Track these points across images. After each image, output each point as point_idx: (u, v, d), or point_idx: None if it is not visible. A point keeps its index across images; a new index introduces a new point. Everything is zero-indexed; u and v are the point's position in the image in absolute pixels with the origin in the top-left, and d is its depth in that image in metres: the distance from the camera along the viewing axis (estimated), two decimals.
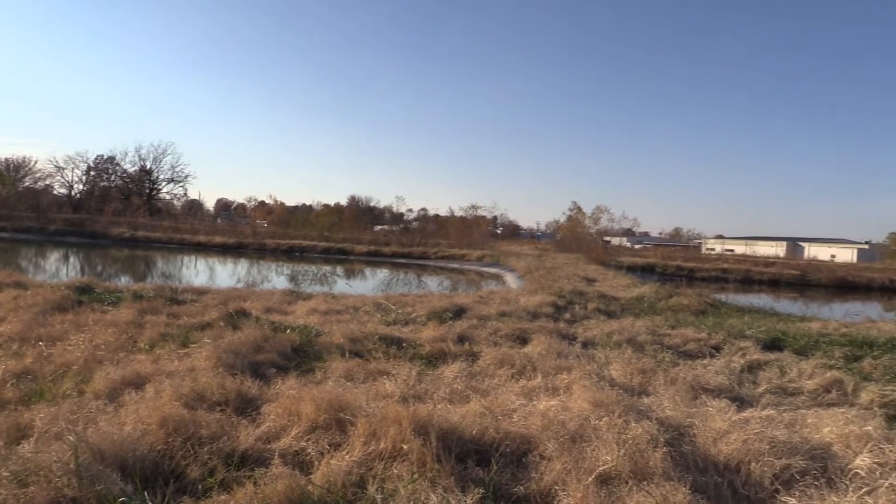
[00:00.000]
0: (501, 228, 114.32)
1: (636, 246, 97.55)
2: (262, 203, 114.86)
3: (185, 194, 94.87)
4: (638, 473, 4.46)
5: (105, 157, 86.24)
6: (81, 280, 14.89)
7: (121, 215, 67.43)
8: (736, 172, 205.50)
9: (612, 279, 29.47)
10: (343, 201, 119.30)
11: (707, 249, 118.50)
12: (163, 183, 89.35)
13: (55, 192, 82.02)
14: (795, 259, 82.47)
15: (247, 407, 5.83)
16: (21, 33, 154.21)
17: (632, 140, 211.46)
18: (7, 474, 3.87)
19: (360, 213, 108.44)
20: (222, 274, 33.71)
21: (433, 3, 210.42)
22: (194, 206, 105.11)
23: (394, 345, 9.41)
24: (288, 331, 9.64)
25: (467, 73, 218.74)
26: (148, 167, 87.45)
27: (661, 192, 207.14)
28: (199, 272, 34.65)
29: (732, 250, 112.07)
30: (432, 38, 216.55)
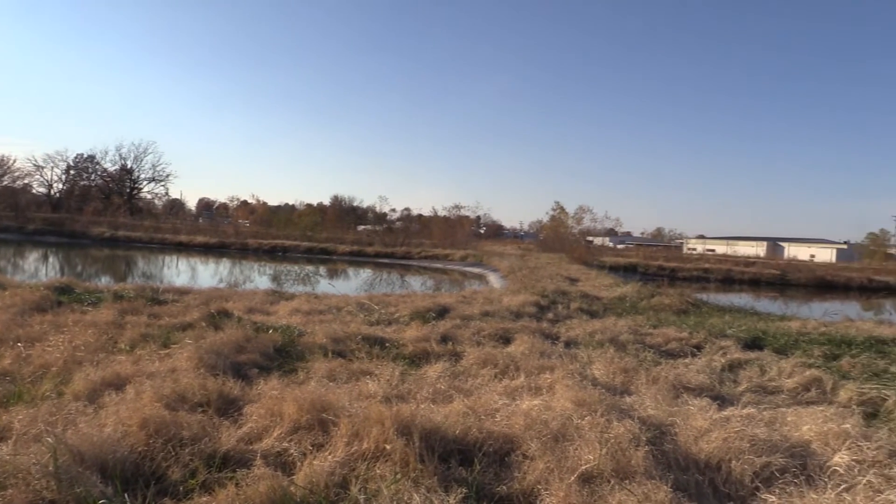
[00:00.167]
0: (485, 228, 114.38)
1: (619, 246, 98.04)
2: (245, 203, 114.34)
3: (167, 194, 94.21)
4: (620, 472, 4.49)
5: (85, 156, 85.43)
6: (61, 280, 14.73)
7: (101, 215, 66.68)
8: (717, 173, 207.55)
9: (595, 279, 29.58)
10: (326, 201, 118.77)
11: (689, 249, 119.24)
12: (144, 182, 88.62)
13: (34, 192, 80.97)
14: (775, 259, 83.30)
15: (229, 408, 5.79)
16: None
17: (615, 140, 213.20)
18: None
19: (343, 213, 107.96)
20: (204, 274, 33.50)
21: (417, 3, 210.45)
22: (176, 206, 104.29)
23: (377, 345, 9.40)
24: (270, 331, 9.60)
25: (450, 73, 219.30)
26: (129, 166, 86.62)
27: (644, 193, 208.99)
28: (181, 272, 34.41)
29: (713, 250, 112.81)
30: (416, 39, 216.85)
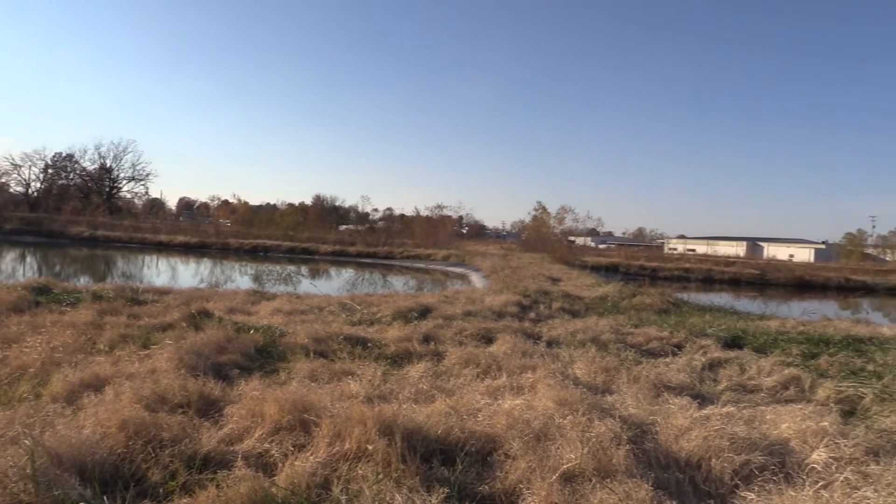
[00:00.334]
0: (467, 228, 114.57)
1: (600, 246, 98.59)
2: (226, 202, 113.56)
3: (147, 193, 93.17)
4: (601, 471, 4.51)
5: (63, 155, 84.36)
6: (38, 280, 14.55)
7: (80, 214, 66.00)
8: (698, 173, 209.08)
9: (577, 279, 29.71)
10: (308, 201, 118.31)
11: (669, 249, 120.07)
12: (123, 181, 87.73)
13: (11, 191, 79.92)
14: (755, 258, 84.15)
15: (209, 409, 5.75)
16: None
17: (597, 141, 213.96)
18: None
19: (325, 213, 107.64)
20: (184, 274, 33.27)
21: (400, 2, 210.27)
22: (156, 205, 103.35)
23: (359, 345, 9.37)
24: (251, 331, 9.54)
25: (433, 74, 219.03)
26: (108, 165, 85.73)
27: (626, 193, 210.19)
28: (161, 272, 34.14)
29: (694, 250, 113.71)
30: (398, 39, 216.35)
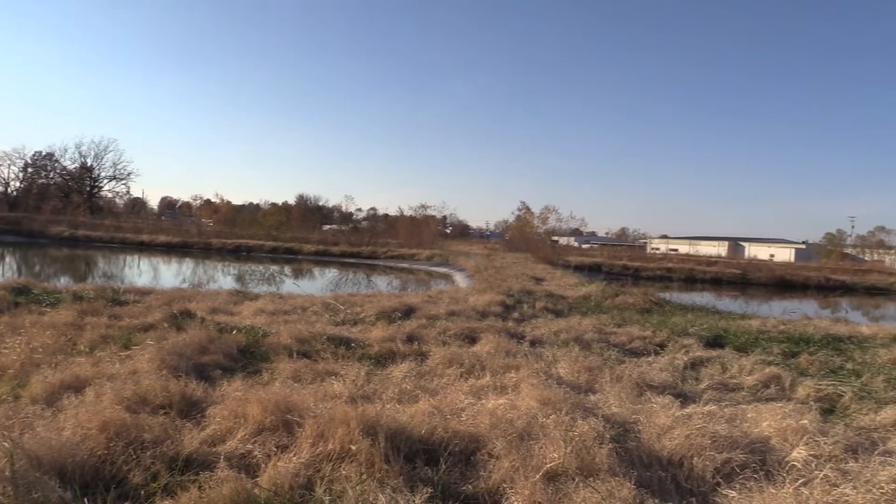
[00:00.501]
0: (451, 228, 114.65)
1: (583, 245, 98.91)
2: (208, 202, 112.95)
3: (128, 192, 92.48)
4: (584, 470, 4.53)
5: (43, 154, 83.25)
6: (18, 280, 14.40)
7: (60, 213, 65.40)
8: (680, 174, 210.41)
9: (560, 278, 29.79)
10: (291, 200, 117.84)
11: (652, 249, 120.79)
12: (104, 180, 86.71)
13: None
14: (736, 258, 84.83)
15: (191, 410, 5.72)
16: None
17: (581, 141, 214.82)
18: None
19: (309, 213, 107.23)
20: (166, 274, 32.98)
21: (384, 2, 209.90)
22: (137, 205, 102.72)
23: (342, 345, 9.35)
24: (234, 332, 9.50)
25: (416, 73, 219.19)
26: (89, 164, 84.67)
27: (609, 193, 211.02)
28: (143, 272, 33.83)
29: (676, 250, 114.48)
30: (383, 38, 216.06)
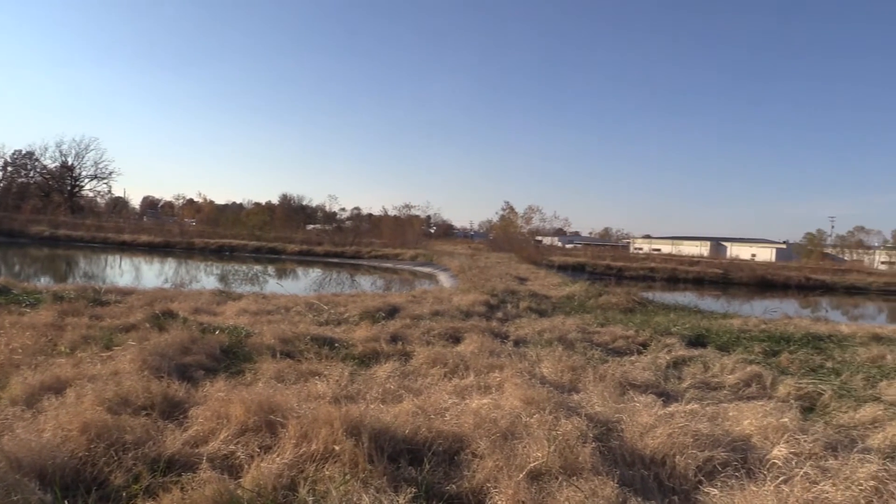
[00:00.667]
0: (435, 228, 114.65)
1: (567, 245, 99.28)
2: (191, 201, 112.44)
3: (110, 191, 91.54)
4: (568, 469, 4.55)
5: (23, 152, 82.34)
6: None
7: (40, 213, 64.75)
8: (663, 174, 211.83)
9: (544, 278, 29.87)
10: (275, 200, 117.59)
11: (635, 249, 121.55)
12: (85, 180, 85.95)
13: None
14: (718, 258, 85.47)
15: (174, 410, 5.68)
16: None
17: (564, 141, 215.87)
18: None
19: (293, 212, 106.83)
20: (148, 274, 32.72)
21: (370, 3, 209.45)
22: (119, 204, 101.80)
23: (326, 345, 9.33)
24: (217, 332, 9.44)
25: (400, 73, 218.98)
26: (70, 163, 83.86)
27: (592, 193, 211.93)
28: (124, 272, 33.55)
29: (659, 250, 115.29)
30: (366, 38, 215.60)
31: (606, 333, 12.11)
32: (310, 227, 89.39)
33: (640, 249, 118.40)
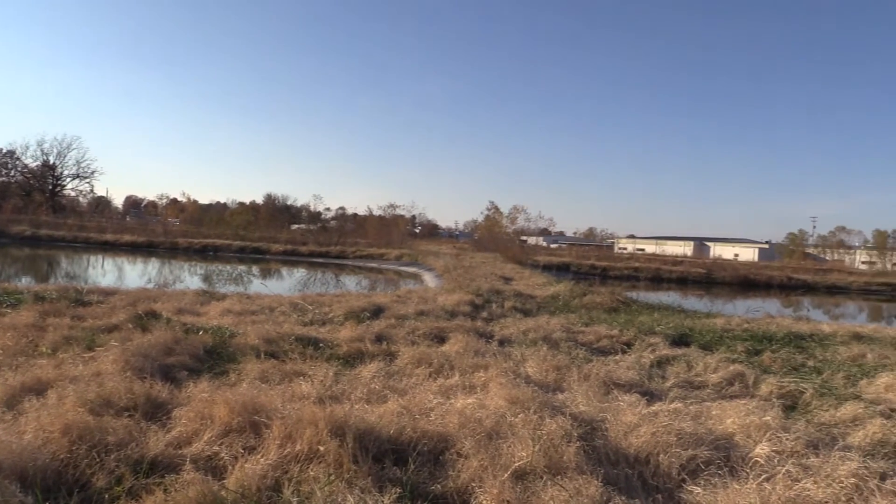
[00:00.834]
0: (420, 227, 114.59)
1: (552, 245, 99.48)
2: (175, 201, 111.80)
3: (92, 191, 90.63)
4: (552, 468, 4.57)
5: (4, 151, 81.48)
6: None
7: (21, 212, 64.14)
8: (647, 175, 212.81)
9: (529, 278, 29.93)
10: (259, 199, 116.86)
11: (619, 249, 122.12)
12: (67, 179, 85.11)
13: None
14: (702, 258, 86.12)
15: (157, 411, 5.64)
16: None
17: (549, 141, 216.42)
18: None
19: (277, 212, 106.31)
20: (131, 274, 32.46)
21: (354, 4, 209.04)
22: (101, 204, 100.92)
23: (310, 345, 9.30)
24: (201, 332, 9.39)
25: (385, 73, 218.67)
26: (51, 162, 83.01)
27: (577, 193, 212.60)
28: (107, 272, 33.28)
29: (643, 249, 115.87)
30: (349, 38, 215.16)
31: (591, 333, 12.16)
32: (294, 227, 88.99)
33: (625, 249, 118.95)
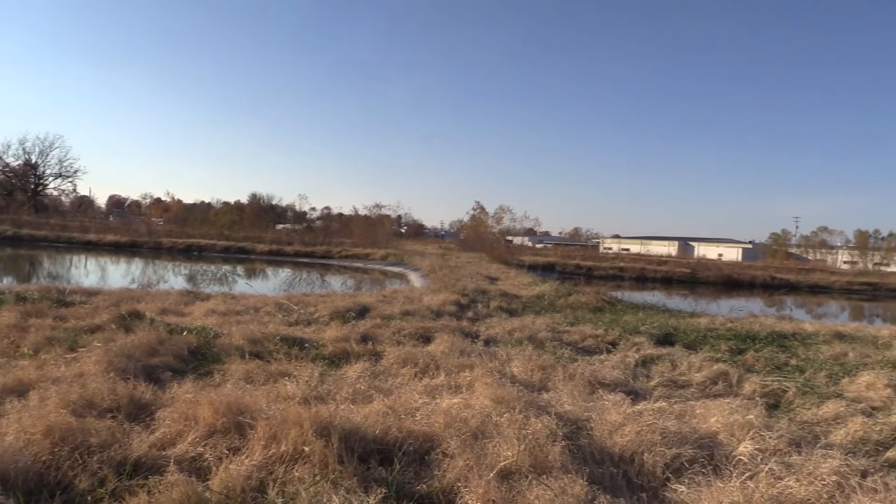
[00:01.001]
0: (406, 227, 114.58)
1: (537, 245, 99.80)
2: (158, 200, 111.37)
3: (75, 190, 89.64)
4: (538, 467, 4.57)
5: None
6: None
7: (3, 212, 63.37)
8: (632, 175, 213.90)
9: (514, 278, 29.99)
10: (244, 199, 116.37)
11: (604, 248, 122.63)
12: (50, 178, 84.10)
13: None
14: (686, 258, 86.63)
15: (140, 413, 5.59)
16: None
17: (534, 142, 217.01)
18: None
19: (262, 212, 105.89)
20: (115, 274, 32.20)
21: (338, 3, 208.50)
22: (84, 203, 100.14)
23: (296, 345, 9.26)
24: (185, 333, 9.32)
25: (370, 73, 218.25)
26: (33, 161, 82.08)
27: (562, 194, 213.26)
28: (90, 272, 32.99)
29: (628, 249, 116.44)
30: (336, 37, 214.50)
31: (576, 332, 12.20)
32: (280, 227, 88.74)
33: (610, 249, 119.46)
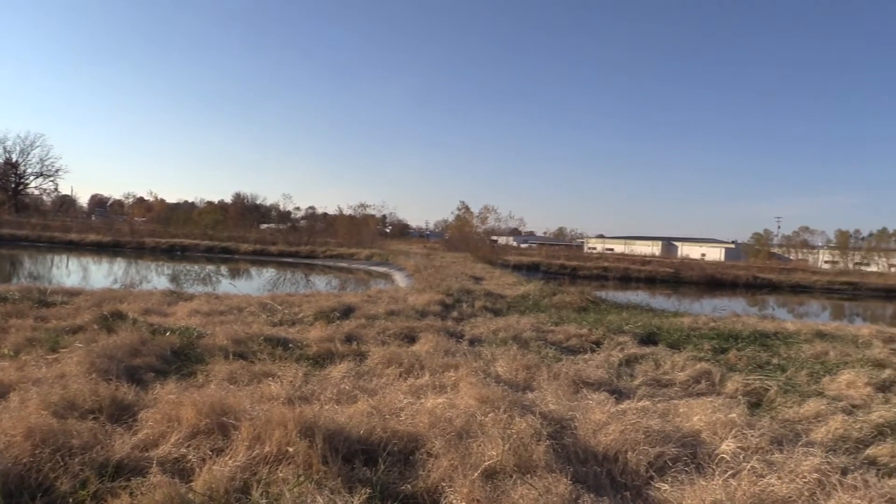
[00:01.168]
0: (391, 227, 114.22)
1: (522, 245, 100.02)
2: (141, 199, 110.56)
3: (56, 189, 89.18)
4: (522, 467, 4.58)
5: None
6: None
7: None
8: (616, 175, 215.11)
9: (499, 277, 30.03)
10: (228, 199, 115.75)
11: (589, 248, 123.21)
12: (31, 177, 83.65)
13: None
14: (670, 258, 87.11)
15: (122, 414, 5.55)
16: None
17: (518, 142, 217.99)
18: None
19: (246, 211, 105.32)
20: (97, 274, 31.93)
21: (321, 4, 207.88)
22: (66, 202, 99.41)
23: (280, 346, 9.22)
24: (168, 333, 9.26)
25: (355, 73, 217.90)
26: (14, 160, 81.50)
27: (547, 193, 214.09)
28: (72, 272, 32.68)
29: (612, 249, 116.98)
30: (319, 37, 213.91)
31: (560, 332, 12.23)
32: (264, 227, 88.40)
33: (594, 249, 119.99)
